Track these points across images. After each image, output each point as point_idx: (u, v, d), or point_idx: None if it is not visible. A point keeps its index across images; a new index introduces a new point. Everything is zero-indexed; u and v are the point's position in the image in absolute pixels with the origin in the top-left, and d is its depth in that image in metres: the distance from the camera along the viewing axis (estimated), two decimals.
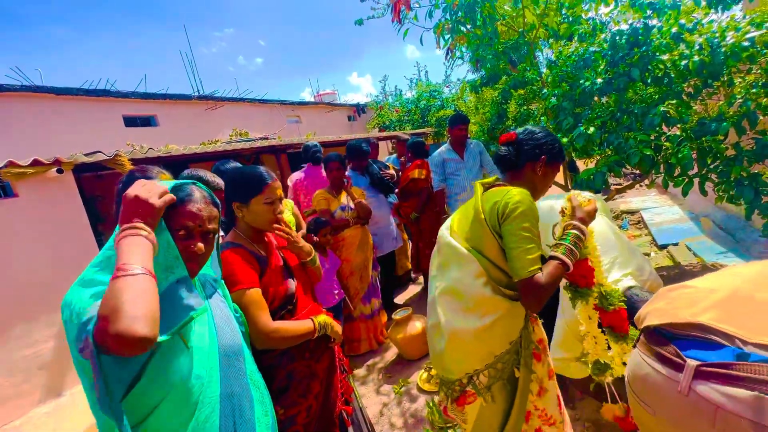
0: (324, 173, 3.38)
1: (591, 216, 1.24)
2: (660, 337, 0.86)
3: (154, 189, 0.85)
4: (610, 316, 1.32)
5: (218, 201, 1.02)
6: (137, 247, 0.77)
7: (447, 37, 3.41)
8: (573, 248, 1.16)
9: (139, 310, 0.66)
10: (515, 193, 1.17)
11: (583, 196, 1.29)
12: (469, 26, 3.26)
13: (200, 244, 0.94)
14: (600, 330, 1.36)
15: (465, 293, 1.21)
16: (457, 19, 3.17)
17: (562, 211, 1.30)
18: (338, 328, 1.42)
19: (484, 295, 1.19)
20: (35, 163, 3.13)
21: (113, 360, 0.76)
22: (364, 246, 3.07)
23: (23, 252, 3.13)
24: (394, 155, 4.88)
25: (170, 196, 0.88)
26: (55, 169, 3.23)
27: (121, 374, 0.79)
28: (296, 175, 3.56)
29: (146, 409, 0.82)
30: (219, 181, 1.75)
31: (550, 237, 1.65)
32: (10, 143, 5.75)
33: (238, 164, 2.19)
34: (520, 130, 1.34)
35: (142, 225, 0.80)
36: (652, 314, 0.92)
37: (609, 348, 1.36)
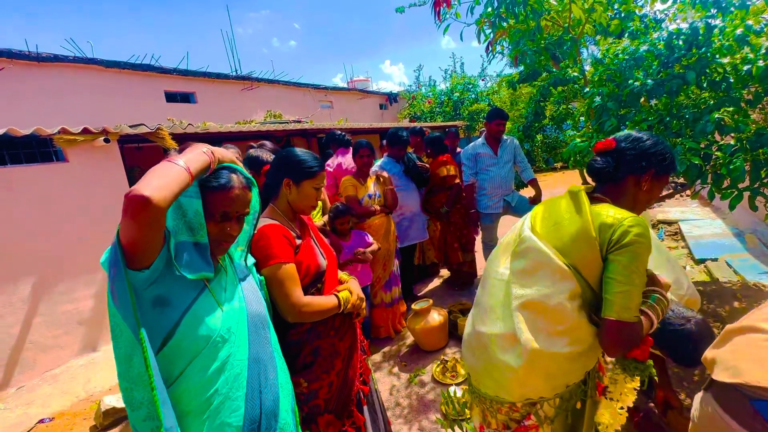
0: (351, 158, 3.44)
1: (667, 290, 1.15)
2: (736, 392, 0.81)
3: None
4: (642, 346, 1.22)
5: (253, 183, 1.07)
6: (191, 152, 0.90)
7: (488, 31, 3.32)
8: (658, 309, 1.07)
9: (154, 182, 0.77)
10: (636, 222, 1.00)
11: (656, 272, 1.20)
12: (511, 21, 3.16)
13: (237, 227, 1.02)
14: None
15: (555, 313, 1.04)
16: (498, 13, 3.08)
17: None
18: (356, 299, 1.40)
19: (579, 321, 1.04)
20: (85, 131, 3.31)
21: (151, 306, 0.85)
22: (388, 235, 3.09)
23: (71, 213, 3.34)
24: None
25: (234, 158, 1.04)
26: (103, 138, 3.41)
27: (160, 323, 0.86)
28: (335, 161, 3.55)
29: (182, 363, 0.88)
30: (267, 157, 1.89)
31: None
32: (61, 111, 6.09)
33: (271, 145, 2.29)
34: (621, 136, 1.15)
35: (208, 149, 0.94)
36: (721, 366, 0.86)
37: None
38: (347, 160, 3.49)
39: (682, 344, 1.35)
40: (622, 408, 1.21)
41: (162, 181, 0.78)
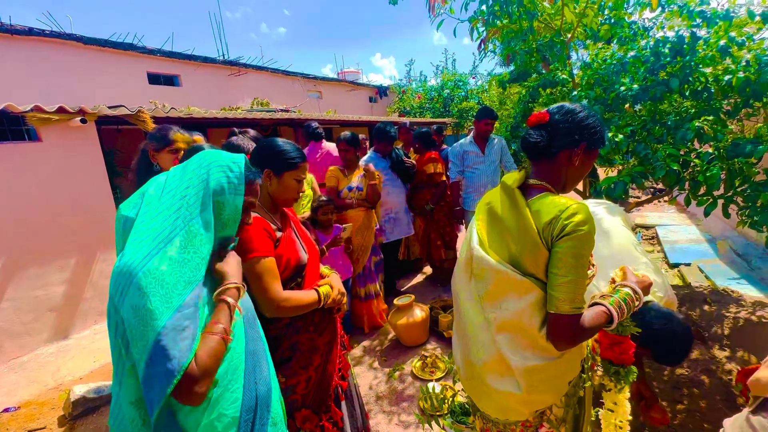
0: (323, 149, 3.65)
1: (646, 291, 1.13)
2: None
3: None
4: (614, 346, 1.24)
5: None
6: (224, 314, 0.91)
7: (481, 29, 3.33)
8: (623, 304, 1.04)
9: (209, 371, 0.83)
10: (574, 211, 0.95)
11: (639, 272, 1.20)
12: (505, 21, 3.17)
13: (251, 216, 1.07)
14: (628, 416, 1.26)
15: (531, 329, 1.02)
16: (492, 11, 3.08)
17: (613, 280, 1.19)
18: (337, 295, 1.40)
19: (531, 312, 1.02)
20: (60, 110, 3.17)
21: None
22: (365, 230, 3.07)
23: (43, 196, 3.21)
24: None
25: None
26: (79, 118, 3.27)
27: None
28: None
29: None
30: (248, 146, 1.84)
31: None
32: (36, 88, 5.82)
33: (255, 133, 2.24)
34: (553, 108, 1.09)
35: (234, 302, 0.94)
36: None
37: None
38: (312, 153, 3.61)
39: (664, 343, 1.34)
40: (621, 422, 1.23)
41: (213, 363, 0.83)
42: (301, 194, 1.42)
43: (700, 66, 2.20)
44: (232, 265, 0.97)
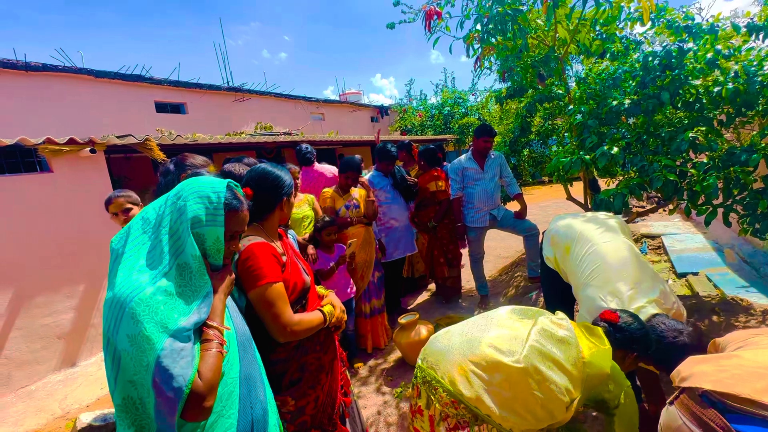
0: (317, 170, 3.72)
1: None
2: (708, 403, 0.86)
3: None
4: None
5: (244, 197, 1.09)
6: (212, 361, 0.90)
7: (476, 47, 3.42)
8: None
9: (210, 400, 0.86)
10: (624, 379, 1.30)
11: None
12: (499, 38, 3.26)
13: (238, 244, 1.07)
14: None
15: (554, 369, 1.25)
16: (487, 30, 3.17)
17: None
18: (339, 312, 1.42)
19: (559, 404, 1.24)
20: (71, 141, 3.28)
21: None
22: (367, 246, 3.09)
23: (53, 225, 3.28)
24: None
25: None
26: (89, 148, 3.38)
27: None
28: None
29: None
30: (240, 171, 1.83)
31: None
32: (49, 120, 6.02)
33: (252, 160, 2.26)
34: (624, 315, 1.42)
35: (218, 347, 0.95)
36: (699, 377, 0.91)
37: None
38: (304, 176, 3.63)
39: (679, 356, 1.30)
40: None
41: (215, 377, 0.87)
42: (304, 217, 1.47)
43: (690, 78, 2.25)
44: (215, 305, 0.95)
